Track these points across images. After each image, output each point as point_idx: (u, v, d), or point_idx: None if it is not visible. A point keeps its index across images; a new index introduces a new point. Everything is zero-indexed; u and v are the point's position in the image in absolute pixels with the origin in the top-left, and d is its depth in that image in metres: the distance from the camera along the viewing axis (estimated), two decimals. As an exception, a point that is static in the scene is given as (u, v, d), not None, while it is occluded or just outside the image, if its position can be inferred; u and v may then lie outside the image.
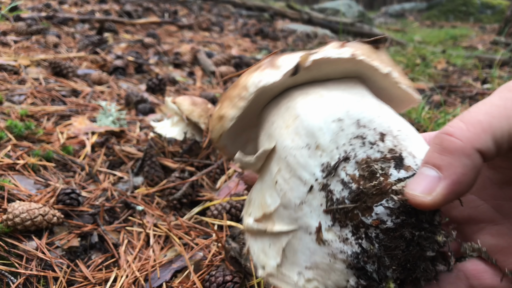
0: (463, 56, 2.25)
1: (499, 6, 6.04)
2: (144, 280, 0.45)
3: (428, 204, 0.19)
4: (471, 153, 0.19)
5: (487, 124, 0.19)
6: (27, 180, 0.59)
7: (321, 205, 0.21)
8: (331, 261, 0.21)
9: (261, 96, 0.25)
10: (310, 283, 0.22)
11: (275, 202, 0.23)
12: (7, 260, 0.43)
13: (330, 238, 0.21)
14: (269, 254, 0.24)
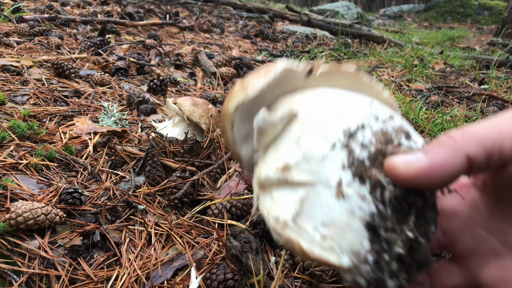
0: (460, 57, 2.27)
1: (496, 7, 6.09)
2: (146, 278, 0.46)
3: (401, 171, 0.20)
4: (458, 153, 0.20)
5: (481, 133, 0.20)
6: (29, 179, 0.59)
7: (342, 161, 0.22)
8: (349, 218, 0.21)
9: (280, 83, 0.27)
10: (325, 241, 0.22)
11: (296, 156, 0.23)
12: (10, 258, 0.44)
13: (350, 193, 0.21)
14: (285, 205, 0.23)
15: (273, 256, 0.49)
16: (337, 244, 0.22)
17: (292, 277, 0.45)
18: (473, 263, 0.24)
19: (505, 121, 0.21)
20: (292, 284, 0.45)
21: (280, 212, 0.23)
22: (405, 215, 0.21)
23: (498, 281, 0.23)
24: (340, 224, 0.22)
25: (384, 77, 1.60)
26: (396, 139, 0.23)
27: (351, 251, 0.22)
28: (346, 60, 1.69)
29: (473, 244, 0.24)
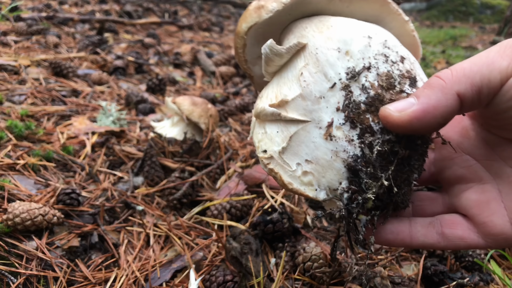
0: (462, 56, 2.26)
1: (498, 6, 6.05)
2: (144, 280, 0.45)
3: (395, 119, 0.21)
4: (448, 93, 0.21)
5: (469, 69, 0.21)
6: (27, 180, 0.59)
7: (338, 103, 0.23)
8: (332, 158, 0.23)
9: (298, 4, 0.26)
10: (306, 176, 0.24)
11: (294, 92, 0.24)
12: (7, 260, 0.43)
13: (338, 135, 0.23)
14: (274, 140, 0.24)
15: (273, 258, 0.48)
16: (316, 180, 0.23)
17: (293, 279, 0.45)
18: (456, 189, 0.26)
19: (492, 54, 0.21)
20: (292, 285, 0.44)
21: (269, 146, 0.25)
22: (387, 162, 0.22)
23: (473, 203, 0.24)
24: (323, 162, 0.23)
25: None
26: (399, 85, 0.23)
27: (329, 188, 0.23)
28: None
29: (459, 171, 0.26)
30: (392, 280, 0.43)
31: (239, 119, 1.00)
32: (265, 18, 0.25)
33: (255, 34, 0.27)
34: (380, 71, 0.24)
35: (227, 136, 0.86)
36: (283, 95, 0.25)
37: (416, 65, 0.25)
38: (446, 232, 0.24)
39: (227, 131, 0.91)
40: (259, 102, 0.27)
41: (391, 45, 0.25)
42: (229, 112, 1.01)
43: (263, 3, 0.26)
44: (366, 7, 0.27)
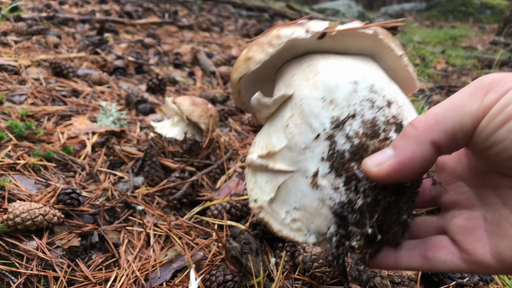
0: (462, 56, 2.26)
1: (498, 6, 6.06)
2: (145, 280, 0.45)
3: (373, 174, 0.22)
4: (423, 142, 0.21)
5: (440, 116, 0.21)
6: (27, 180, 0.59)
7: (323, 152, 0.24)
8: (319, 206, 0.24)
9: (288, 50, 0.27)
10: (295, 223, 0.25)
11: (281, 143, 0.25)
12: (8, 260, 0.43)
13: (324, 184, 0.23)
14: (264, 189, 0.26)
15: (273, 257, 0.48)
16: (306, 226, 0.24)
17: (293, 279, 0.45)
18: (450, 214, 0.26)
19: (463, 96, 0.21)
20: (292, 285, 0.44)
21: (259, 195, 0.26)
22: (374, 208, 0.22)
23: (460, 229, 0.24)
24: (311, 210, 0.24)
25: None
26: (384, 133, 0.24)
27: (318, 233, 0.24)
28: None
29: (454, 196, 0.26)
30: (392, 280, 0.43)
31: (239, 119, 1.00)
32: (253, 69, 0.26)
33: (249, 79, 0.28)
34: (365, 118, 0.24)
35: (227, 136, 0.86)
36: (271, 146, 0.25)
37: (404, 107, 0.25)
38: (429, 255, 0.24)
39: (227, 131, 0.91)
40: (252, 149, 0.28)
41: (378, 88, 0.25)
42: (229, 112, 1.01)
43: (251, 55, 0.26)
44: (359, 43, 0.27)
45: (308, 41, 0.26)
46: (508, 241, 0.21)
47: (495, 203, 0.23)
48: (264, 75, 0.29)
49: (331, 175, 0.23)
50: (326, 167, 0.23)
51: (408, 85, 0.30)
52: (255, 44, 0.27)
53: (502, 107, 0.19)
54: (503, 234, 0.21)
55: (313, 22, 0.26)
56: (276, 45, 0.25)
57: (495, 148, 0.20)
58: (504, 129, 0.19)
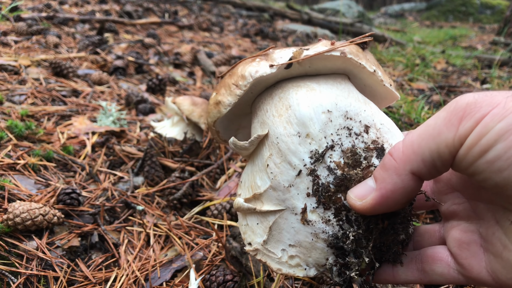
0: (462, 56, 2.26)
1: (498, 6, 6.06)
2: (145, 280, 0.45)
3: (358, 208, 0.22)
4: (402, 174, 0.21)
5: (417, 145, 0.21)
6: (27, 180, 0.59)
7: (307, 188, 0.24)
8: (313, 240, 0.24)
9: (256, 85, 0.27)
10: (292, 259, 0.25)
11: (265, 184, 0.25)
12: (8, 260, 0.43)
13: (314, 219, 0.23)
14: (256, 232, 0.26)
15: (273, 258, 0.48)
16: (304, 261, 0.24)
17: (293, 279, 0.45)
18: (449, 224, 0.26)
19: (438, 123, 0.21)
20: (292, 285, 0.44)
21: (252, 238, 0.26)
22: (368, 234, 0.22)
23: (456, 242, 0.24)
24: (306, 245, 0.24)
25: (385, 76, 1.58)
26: (366, 160, 0.23)
27: (317, 265, 0.24)
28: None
29: (452, 207, 0.26)
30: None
31: (239, 119, 1.00)
32: (225, 113, 0.26)
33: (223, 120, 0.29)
34: (344, 147, 0.24)
35: (227, 136, 0.86)
36: (256, 187, 0.25)
37: (383, 129, 0.25)
38: (426, 268, 0.24)
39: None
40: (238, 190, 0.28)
41: (354, 114, 0.25)
42: (229, 112, 1.00)
43: (220, 99, 0.26)
44: (329, 64, 0.27)
45: (275, 74, 0.26)
46: (502, 262, 0.20)
47: (489, 219, 0.22)
48: (239, 111, 0.29)
49: (320, 209, 0.23)
50: (313, 202, 0.23)
51: (388, 97, 0.29)
52: (223, 86, 0.26)
53: (477, 137, 0.19)
54: (497, 254, 0.21)
55: (277, 53, 0.26)
56: (243, 86, 0.25)
57: (477, 177, 0.20)
58: (482, 161, 0.19)
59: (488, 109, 0.19)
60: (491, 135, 0.18)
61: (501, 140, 0.18)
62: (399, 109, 1.05)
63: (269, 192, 0.25)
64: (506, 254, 0.20)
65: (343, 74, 0.28)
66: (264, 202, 0.25)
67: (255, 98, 0.29)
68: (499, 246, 0.21)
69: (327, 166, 0.23)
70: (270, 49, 0.26)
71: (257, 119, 0.28)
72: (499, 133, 0.18)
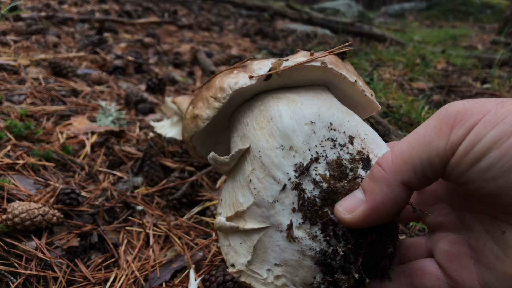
0: (462, 56, 2.25)
1: (498, 5, 6.05)
2: (144, 280, 0.45)
3: (347, 221, 0.21)
4: (393, 184, 0.20)
5: (407, 155, 0.20)
6: (26, 180, 0.58)
7: (293, 203, 0.22)
8: (300, 258, 0.22)
9: (235, 98, 0.26)
10: (278, 279, 0.23)
11: (248, 200, 0.24)
12: (7, 260, 0.43)
13: (300, 235, 0.22)
14: (239, 252, 0.24)
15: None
16: (290, 280, 0.23)
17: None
18: (436, 236, 0.25)
19: (429, 131, 0.20)
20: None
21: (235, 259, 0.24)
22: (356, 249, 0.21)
23: (445, 255, 0.23)
24: (292, 263, 0.22)
25: (386, 76, 1.58)
26: (352, 172, 0.23)
27: (304, 284, 0.23)
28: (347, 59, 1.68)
29: (438, 218, 0.25)
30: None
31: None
32: (203, 127, 0.25)
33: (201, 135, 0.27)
34: (329, 159, 0.23)
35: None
36: (238, 204, 0.24)
37: (367, 139, 0.24)
38: (415, 282, 0.23)
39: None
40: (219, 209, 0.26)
41: (337, 125, 0.24)
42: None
43: (197, 112, 0.25)
44: (309, 75, 0.26)
45: (255, 85, 0.25)
46: (495, 274, 0.20)
47: (478, 229, 0.22)
48: (217, 125, 0.28)
49: (306, 225, 0.22)
50: (299, 218, 0.22)
51: (369, 108, 0.29)
52: (200, 99, 0.25)
53: (470, 145, 0.18)
54: (489, 266, 0.20)
55: (256, 64, 0.25)
56: (221, 98, 0.24)
57: (469, 186, 0.19)
58: (475, 169, 0.18)
59: (479, 116, 0.19)
60: (484, 143, 0.18)
61: (495, 148, 0.18)
62: (399, 109, 1.05)
63: (253, 209, 0.24)
64: (499, 265, 0.20)
65: (323, 85, 0.27)
66: (248, 220, 0.24)
67: (233, 111, 0.28)
68: (491, 257, 0.20)
69: (312, 179, 0.22)
70: (247, 60, 0.26)
71: (237, 133, 0.26)
72: (492, 141, 0.18)
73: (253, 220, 0.24)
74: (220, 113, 0.26)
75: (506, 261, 0.19)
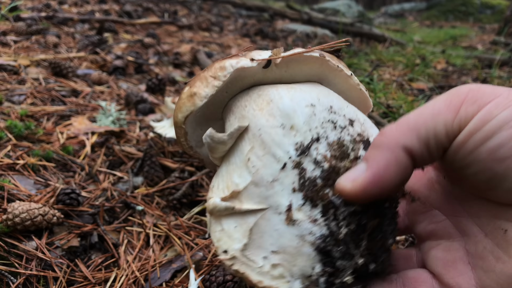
0: (462, 56, 2.26)
1: (498, 6, 6.06)
2: (144, 280, 0.45)
3: (348, 191, 0.20)
4: (395, 148, 0.19)
5: (413, 122, 0.20)
6: (27, 180, 0.59)
7: (293, 183, 0.21)
8: (299, 244, 0.21)
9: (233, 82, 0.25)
10: (275, 269, 0.21)
11: (245, 180, 0.22)
12: (7, 260, 0.43)
13: (300, 218, 0.21)
14: (233, 236, 0.22)
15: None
16: (288, 271, 0.21)
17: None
18: (427, 245, 0.24)
19: (438, 104, 0.20)
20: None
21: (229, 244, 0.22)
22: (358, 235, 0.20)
23: (440, 262, 0.22)
24: (291, 250, 0.21)
25: (386, 76, 1.59)
26: (353, 152, 0.22)
27: (303, 276, 0.21)
28: (347, 59, 1.68)
29: (429, 226, 0.24)
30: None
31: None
32: (200, 106, 0.23)
33: (194, 119, 0.26)
34: (330, 140, 0.22)
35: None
36: (234, 185, 0.22)
37: (366, 124, 0.24)
38: None
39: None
40: (210, 194, 0.24)
41: (337, 108, 0.23)
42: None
43: (195, 90, 0.24)
44: (305, 68, 0.26)
45: (254, 71, 0.24)
46: (495, 276, 0.19)
47: (476, 233, 0.21)
48: (210, 113, 0.26)
49: (307, 207, 0.21)
50: (300, 199, 0.21)
51: (361, 105, 0.28)
52: (198, 79, 0.24)
53: (480, 123, 0.18)
54: (488, 269, 0.19)
55: (256, 51, 0.25)
56: (222, 77, 0.23)
57: (474, 167, 0.18)
58: (483, 148, 0.18)
59: (491, 97, 0.18)
60: (495, 122, 0.18)
61: (506, 127, 0.17)
62: (399, 109, 1.05)
63: (250, 189, 0.22)
64: (499, 266, 0.19)
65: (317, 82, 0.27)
66: (244, 200, 0.22)
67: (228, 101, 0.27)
68: (491, 259, 0.20)
69: (313, 159, 0.21)
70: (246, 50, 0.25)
71: (233, 115, 0.25)
72: (504, 121, 0.17)
73: (250, 201, 0.22)
74: (216, 96, 0.24)
75: (507, 261, 0.19)
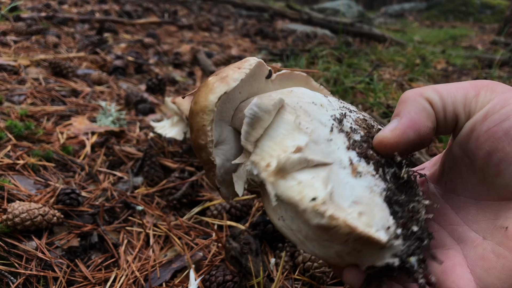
0: (462, 56, 2.26)
1: (498, 6, 6.06)
2: (144, 280, 0.45)
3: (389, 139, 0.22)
4: (419, 98, 0.23)
5: (437, 86, 0.23)
6: (27, 180, 0.59)
7: (344, 142, 0.24)
8: (371, 194, 0.21)
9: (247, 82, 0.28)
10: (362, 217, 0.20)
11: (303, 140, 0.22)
12: (7, 260, 0.43)
13: (363, 170, 0.22)
14: (316, 185, 0.21)
15: (273, 258, 0.48)
16: (372, 220, 0.20)
17: (292, 279, 0.45)
18: None
19: (462, 82, 0.23)
20: (292, 286, 0.44)
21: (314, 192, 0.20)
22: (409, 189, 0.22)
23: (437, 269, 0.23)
24: (366, 201, 0.21)
25: (386, 76, 1.59)
26: (375, 123, 0.26)
27: (383, 227, 0.20)
28: (347, 59, 1.68)
29: None
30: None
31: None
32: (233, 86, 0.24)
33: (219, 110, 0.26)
34: (353, 118, 0.25)
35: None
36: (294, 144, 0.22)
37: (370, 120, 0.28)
38: None
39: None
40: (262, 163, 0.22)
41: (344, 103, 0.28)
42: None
43: (225, 74, 0.25)
44: (293, 85, 0.29)
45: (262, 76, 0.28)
46: (496, 272, 0.20)
47: (473, 239, 0.22)
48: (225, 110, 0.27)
49: (363, 163, 0.22)
50: (355, 156, 0.22)
51: None
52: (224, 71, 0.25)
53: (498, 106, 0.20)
54: (489, 267, 0.20)
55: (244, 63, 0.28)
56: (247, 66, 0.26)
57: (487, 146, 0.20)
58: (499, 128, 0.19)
59: (508, 90, 0.21)
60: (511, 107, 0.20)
61: None
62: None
63: (311, 146, 0.22)
64: (501, 262, 0.20)
65: None
66: (310, 155, 0.21)
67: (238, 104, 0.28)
68: (492, 258, 0.20)
69: (349, 127, 0.24)
70: None
71: None
72: None
73: (315, 156, 0.21)
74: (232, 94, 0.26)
75: (509, 256, 0.19)
